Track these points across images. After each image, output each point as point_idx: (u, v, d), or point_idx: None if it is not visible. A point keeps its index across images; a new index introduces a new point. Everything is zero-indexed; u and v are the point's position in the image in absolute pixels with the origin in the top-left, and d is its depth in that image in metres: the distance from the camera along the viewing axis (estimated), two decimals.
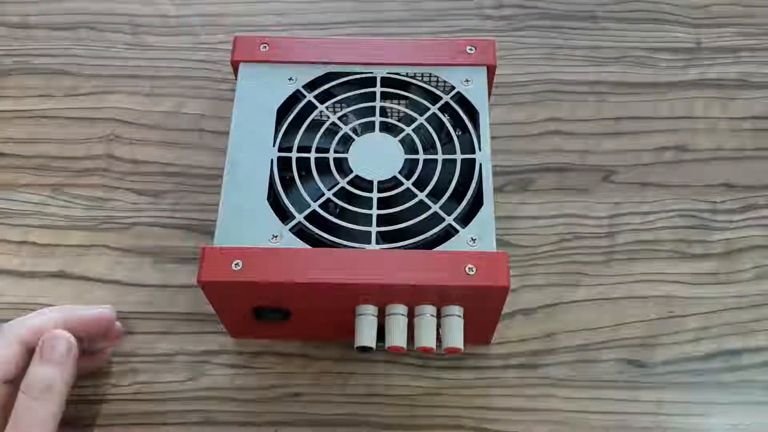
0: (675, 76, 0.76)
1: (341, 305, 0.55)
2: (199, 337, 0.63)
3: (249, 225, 0.54)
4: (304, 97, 0.58)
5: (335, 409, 0.60)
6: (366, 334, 0.54)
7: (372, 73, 0.59)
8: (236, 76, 0.60)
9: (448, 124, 0.58)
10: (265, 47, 0.60)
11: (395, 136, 0.57)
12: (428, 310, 0.54)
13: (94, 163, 0.71)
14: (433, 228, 0.54)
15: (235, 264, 0.52)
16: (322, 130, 0.58)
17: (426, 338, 0.54)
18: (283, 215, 0.55)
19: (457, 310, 0.54)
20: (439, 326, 0.54)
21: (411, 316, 0.54)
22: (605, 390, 0.61)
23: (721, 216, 0.69)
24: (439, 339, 0.55)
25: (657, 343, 0.63)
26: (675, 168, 0.71)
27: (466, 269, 0.52)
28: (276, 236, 0.54)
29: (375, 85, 0.59)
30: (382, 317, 0.55)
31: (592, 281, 0.65)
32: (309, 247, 0.53)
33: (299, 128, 0.57)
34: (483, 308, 0.55)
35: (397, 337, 0.54)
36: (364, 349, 0.55)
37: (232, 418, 0.60)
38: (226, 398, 0.61)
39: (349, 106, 0.58)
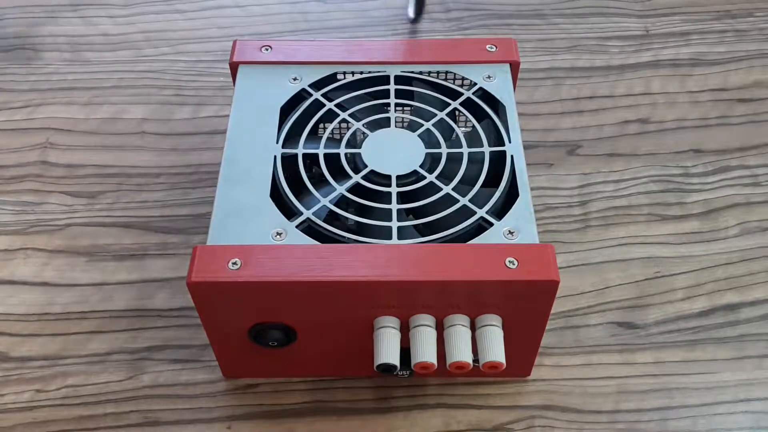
0: (628, 60, 0.75)
1: (356, 315, 0.47)
2: (139, 333, 0.56)
3: (248, 222, 0.47)
4: (311, 95, 0.55)
5: (295, 398, 0.53)
6: (387, 350, 0.45)
7: (385, 71, 0.56)
8: (234, 78, 0.57)
9: (471, 118, 0.54)
10: (267, 50, 0.57)
11: (413, 131, 0.53)
12: (460, 320, 0.46)
13: (26, 170, 0.66)
14: (463, 222, 0.47)
15: (233, 263, 0.45)
16: (331, 127, 0.54)
17: (460, 351, 0.45)
18: (288, 213, 0.48)
19: (494, 319, 0.46)
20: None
21: (440, 330, 0.47)
22: (597, 355, 0.55)
23: (695, 179, 0.66)
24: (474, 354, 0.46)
25: (648, 303, 0.58)
26: (641, 138, 0.69)
27: (507, 262, 0.45)
28: (280, 233, 0.47)
29: (388, 83, 0.55)
30: (405, 341, 0.46)
31: (569, 248, 0.61)
32: (319, 243, 0.47)
33: (305, 126, 0.53)
34: (526, 315, 0.47)
35: (425, 351, 0.45)
36: (387, 369, 0.45)
37: (178, 416, 0.52)
38: (171, 395, 0.53)
39: (360, 103, 0.55)
